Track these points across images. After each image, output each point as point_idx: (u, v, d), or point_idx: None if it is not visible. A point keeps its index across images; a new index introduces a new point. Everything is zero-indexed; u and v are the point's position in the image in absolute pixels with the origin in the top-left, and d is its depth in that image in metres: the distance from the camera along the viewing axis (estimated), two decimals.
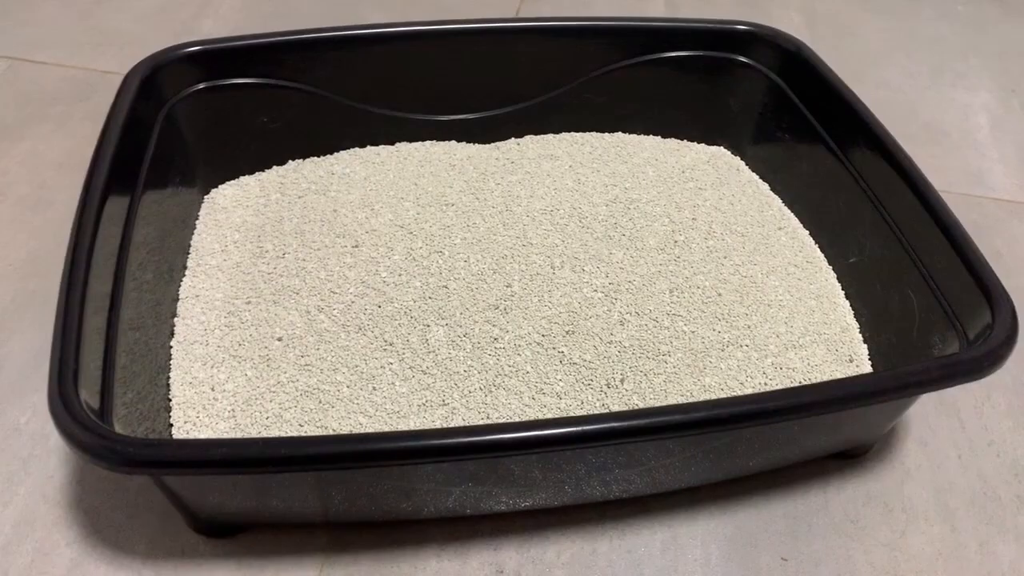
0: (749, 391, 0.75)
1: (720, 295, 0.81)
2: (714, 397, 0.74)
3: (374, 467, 0.59)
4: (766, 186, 0.97)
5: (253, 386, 0.73)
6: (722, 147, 1.03)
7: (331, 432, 0.70)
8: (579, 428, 0.56)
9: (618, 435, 0.57)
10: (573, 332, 0.76)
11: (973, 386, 0.83)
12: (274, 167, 0.96)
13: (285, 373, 0.74)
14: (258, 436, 0.70)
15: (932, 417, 0.81)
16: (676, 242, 0.85)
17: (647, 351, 0.76)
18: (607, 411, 0.72)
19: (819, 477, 0.76)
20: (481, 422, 0.71)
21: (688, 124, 1.03)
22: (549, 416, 0.71)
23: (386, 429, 0.70)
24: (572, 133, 1.01)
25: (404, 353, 0.74)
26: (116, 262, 0.72)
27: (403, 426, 0.70)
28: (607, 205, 0.88)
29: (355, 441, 0.57)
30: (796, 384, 0.76)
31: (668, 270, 0.82)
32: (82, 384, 0.58)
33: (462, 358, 0.74)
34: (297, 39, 0.91)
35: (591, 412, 0.72)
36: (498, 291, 0.79)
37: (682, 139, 1.03)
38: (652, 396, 0.73)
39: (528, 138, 0.99)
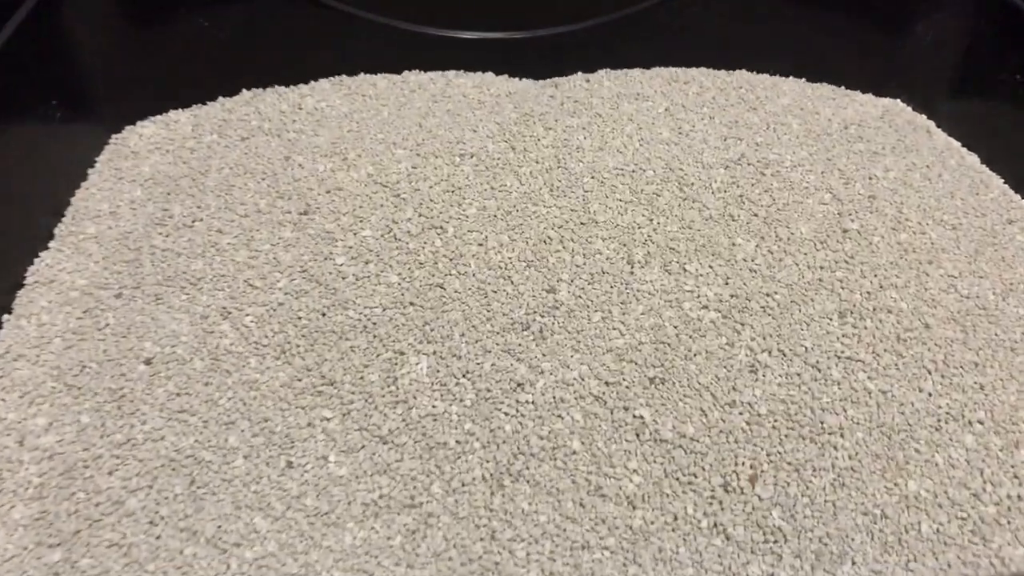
0: (990, 509, 0.40)
1: (928, 327, 0.46)
2: (929, 524, 0.39)
3: None
4: (975, 157, 0.61)
5: (86, 443, 0.41)
6: (899, 100, 0.67)
7: (188, 557, 0.37)
8: None
9: None
10: (663, 381, 0.42)
11: None
12: (220, 98, 0.64)
13: (143, 424, 0.42)
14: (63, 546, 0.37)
15: None
16: (846, 232, 0.50)
17: (799, 424, 0.41)
18: (725, 541, 0.37)
19: None
20: (479, 549, 0.37)
21: (846, 65, 0.68)
22: (608, 545, 0.37)
23: (297, 550, 0.37)
24: (671, 68, 0.66)
25: (353, 401, 0.41)
26: None
27: (334, 546, 0.37)
28: (727, 167, 0.53)
29: None
30: None
31: (835, 278, 0.47)
32: None
33: (455, 418, 0.41)
34: None
35: (692, 541, 0.37)
36: (531, 299, 0.45)
37: (838, 85, 0.68)
38: (809, 515, 0.38)
39: (602, 72, 0.66)
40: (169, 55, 0.63)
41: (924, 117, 0.66)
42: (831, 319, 0.45)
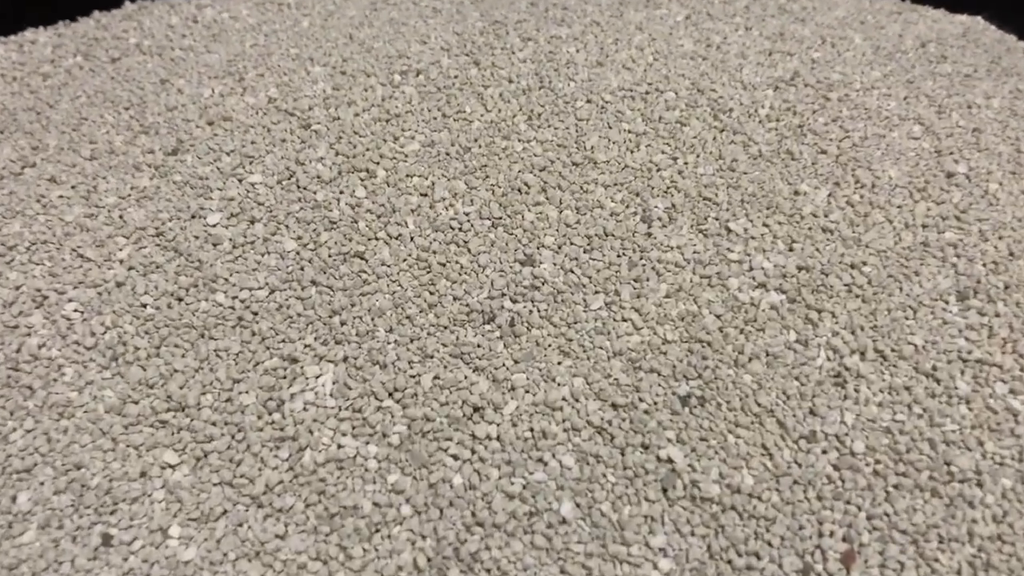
0: None
1: None
2: None
3: None
4: None
5: None
6: (980, 18, 0.52)
7: None
8: None
9: None
10: (702, 402, 0.27)
11: None
12: (95, 12, 0.49)
13: None
14: None
15: None
16: (951, 177, 0.35)
17: (914, 467, 0.26)
18: None
19: None
20: None
21: None
22: None
23: None
24: None
25: (214, 437, 0.27)
26: None
27: None
28: (776, 88, 0.38)
29: None
30: None
31: (945, 242, 0.32)
32: None
33: (374, 465, 0.26)
34: None
35: None
36: (498, 275, 0.30)
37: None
38: None
39: None
40: None
41: (1013, 39, 0.51)
42: (947, 302, 0.30)
